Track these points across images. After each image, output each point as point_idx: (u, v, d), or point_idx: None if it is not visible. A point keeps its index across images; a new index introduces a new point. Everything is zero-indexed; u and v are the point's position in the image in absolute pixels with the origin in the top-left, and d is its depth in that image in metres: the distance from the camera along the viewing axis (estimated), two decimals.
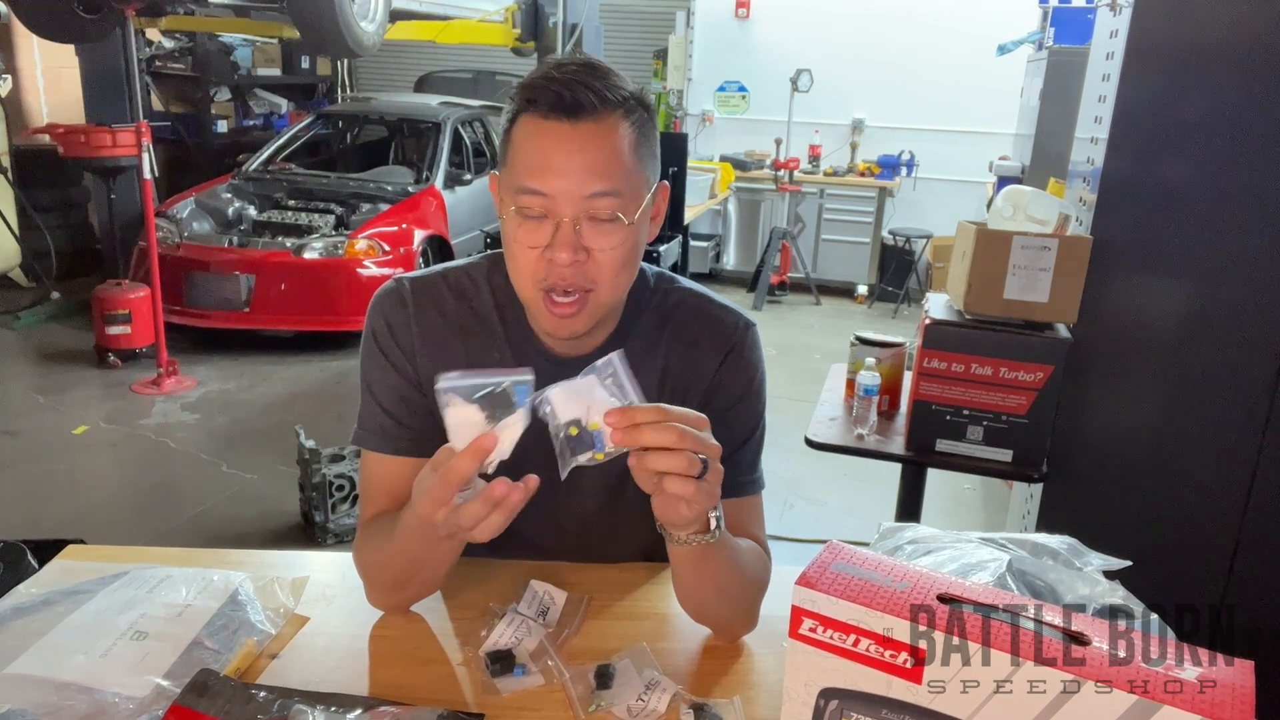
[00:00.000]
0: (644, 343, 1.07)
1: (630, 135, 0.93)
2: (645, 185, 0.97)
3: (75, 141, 4.40)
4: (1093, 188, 2.03)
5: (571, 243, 0.92)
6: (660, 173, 1.01)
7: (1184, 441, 1.90)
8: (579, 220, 0.92)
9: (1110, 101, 1.94)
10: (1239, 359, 1.77)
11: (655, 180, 0.99)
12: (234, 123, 7.89)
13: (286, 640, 0.97)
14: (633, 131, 0.94)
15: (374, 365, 1.06)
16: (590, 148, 0.91)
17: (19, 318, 5.35)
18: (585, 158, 0.91)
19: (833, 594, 0.63)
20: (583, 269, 0.94)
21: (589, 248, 0.93)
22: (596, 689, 0.89)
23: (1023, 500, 2.44)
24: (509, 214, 0.95)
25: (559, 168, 0.91)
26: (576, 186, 0.91)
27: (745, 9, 7.05)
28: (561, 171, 0.91)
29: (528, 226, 0.93)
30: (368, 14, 4.67)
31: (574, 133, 0.91)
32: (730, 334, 1.08)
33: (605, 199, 0.92)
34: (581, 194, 0.91)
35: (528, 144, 0.92)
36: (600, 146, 0.91)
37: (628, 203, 0.94)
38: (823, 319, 6.50)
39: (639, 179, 0.95)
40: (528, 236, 0.94)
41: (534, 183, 0.91)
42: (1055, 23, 4.27)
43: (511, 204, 0.94)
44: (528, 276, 0.96)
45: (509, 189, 0.95)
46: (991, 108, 6.21)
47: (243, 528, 3.19)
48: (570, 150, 0.91)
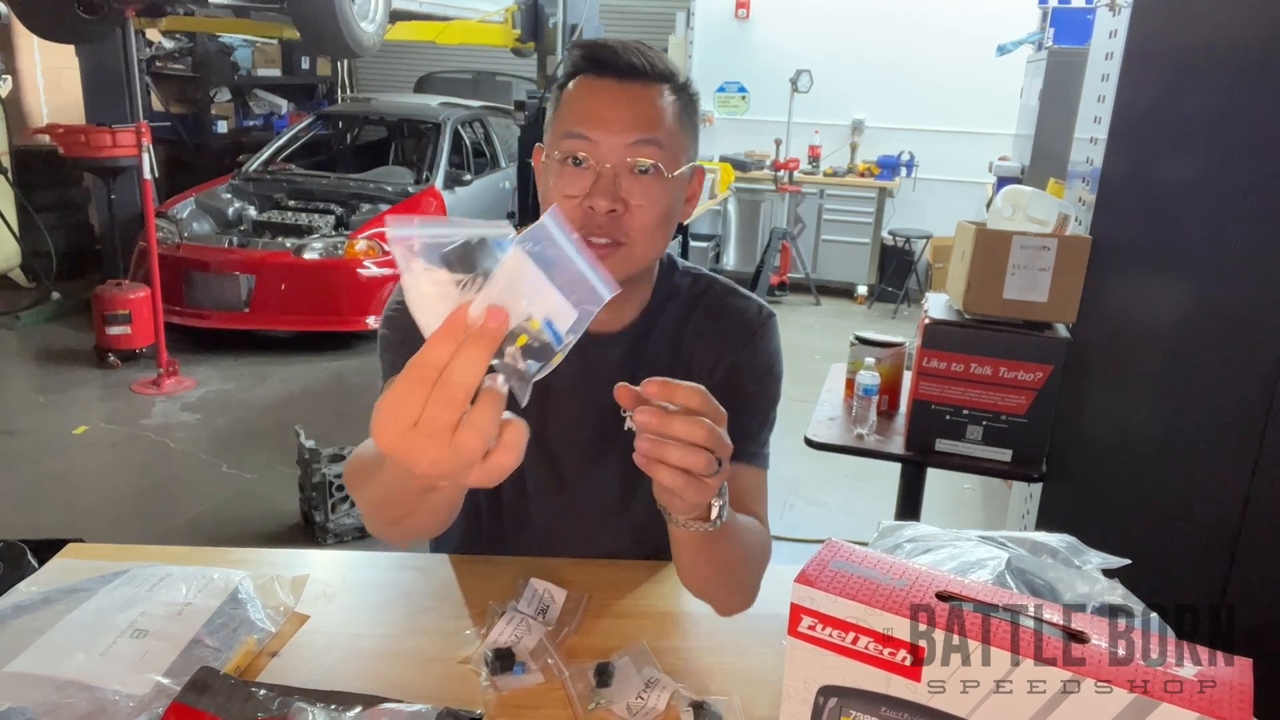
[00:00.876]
0: (672, 325, 1.11)
1: (675, 105, 0.99)
2: (685, 151, 1.01)
3: (75, 142, 4.40)
4: (1092, 188, 2.03)
5: (610, 191, 0.95)
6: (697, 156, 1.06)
7: (1183, 441, 1.90)
8: (619, 172, 0.96)
9: (1110, 102, 1.94)
10: (1238, 359, 1.77)
11: (695, 157, 1.04)
12: (234, 123, 7.90)
13: (286, 638, 0.97)
14: (678, 104, 1.00)
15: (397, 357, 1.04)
16: (637, 102, 0.97)
17: (19, 318, 5.34)
18: (631, 110, 0.96)
19: (832, 592, 0.63)
20: (619, 220, 0.97)
21: (627, 200, 0.96)
22: (596, 687, 0.89)
23: (1022, 500, 2.44)
24: (552, 163, 0.99)
25: (605, 117, 0.96)
26: (620, 135, 0.95)
27: (745, 9, 7.05)
28: (607, 121, 0.95)
29: (569, 175, 0.97)
30: (368, 14, 4.67)
31: (623, 90, 0.96)
32: (753, 321, 1.12)
33: (647, 147, 0.96)
34: (624, 142, 0.95)
35: (578, 97, 0.98)
36: (647, 103, 0.97)
37: (669, 157, 0.98)
38: (822, 319, 6.50)
39: (680, 142, 1.00)
40: (568, 184, 0.97)
41: (580, 128, 0.96)
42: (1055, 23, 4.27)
43: (556, 149, 0.98)
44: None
45: (555, 139, 0.99)
46: (991, 108, 6.21)
47: (243, 528, 3.19)
48: (618, 102, 0.96)
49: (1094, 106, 2.07)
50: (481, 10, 6.33)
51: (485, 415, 0.56)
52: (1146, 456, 1.98)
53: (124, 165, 4.47)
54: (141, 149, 4.35)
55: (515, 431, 0.58)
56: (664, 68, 0.99)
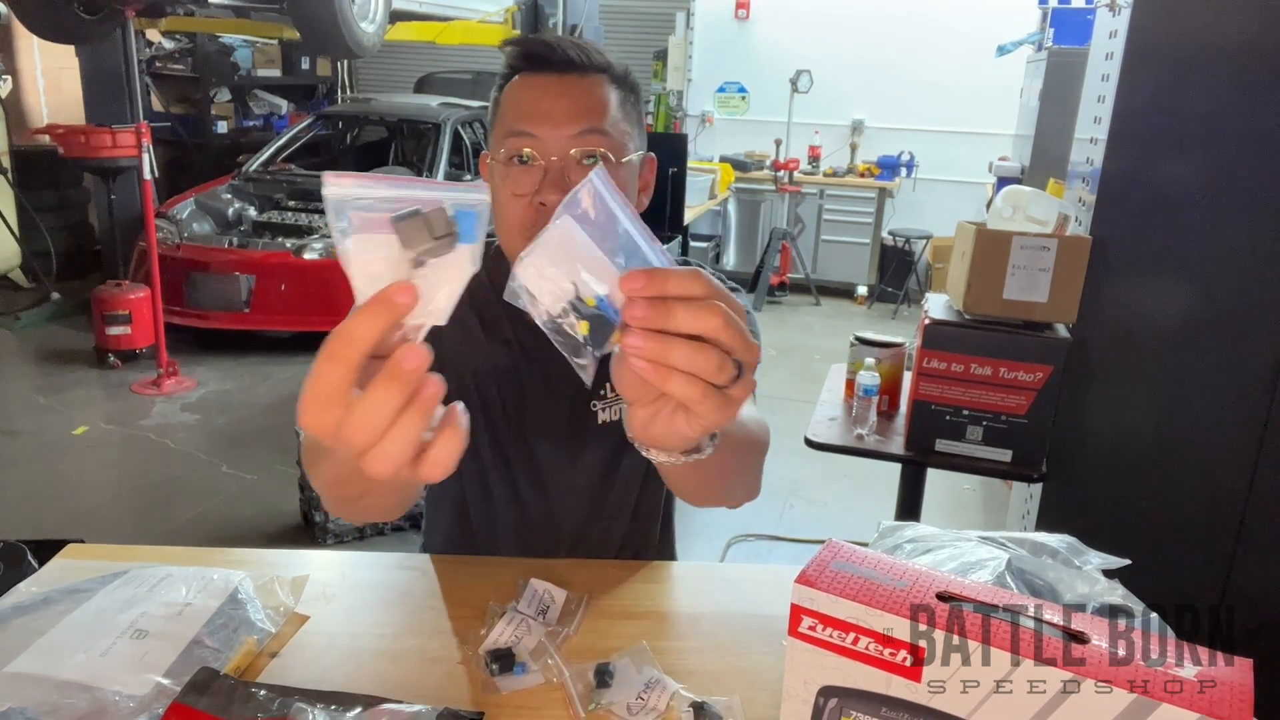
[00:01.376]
0: None
1: (616, 94, 0.98)
2: (631, 140, 1.00)
3: (75, 142, 4.40)
4: (1092, 188, 2.03)
5: (560, 184, 0.93)
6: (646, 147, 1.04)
7: (1183, 441, 1.90)
8: (567, 164, 0.94)
9: (1110, 102, 1.94)
10: (1238, 359, 1.77)
11: (641, 147, 1.02)
12: (234, 123, 7.90)
13: (286, 639, 0.97)
14: (617, 93, 0.98)
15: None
16: (576, 92, 0.95)
17: (19, 318, 5.34)
18: (571, 101, 0.95)
19: (832, 592, 0.63)
20: None
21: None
22: (596, 687, 0.89)
23: (1022, 500, 2.44)
24: (497, 165, 0.97)
25: (546, 111, 0.94)
26: (563, 128, 0.94)
27: (745, 10, 7.05)
28: (548, 114, 0.94)
29: (515, 174, 0.95)
30: (368, 15, 4.67)
31: (561, 82, 0.95)
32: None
33: (592, 136, 0.95)
34: (568, 134, 0.94)
35: (518, 94, 0.97)
36: (586, 94, 0.96)
37: (615, 145, 0.96)
38: (822, 320, 6.50)
39: (624, 131, 0.98)
40: (516, 183, 0.95)
41: (522, 124, 0.95)
42: (1054, 23, 4.28)
43: (500, 149, 0.96)
44: (516, 227, 0.97)
45: (498, 139, 0.98)
46: (991, 108, 6.22)
47: (242, 528, 3.19)
48: (557, 95, 0.95)
49: (1094, 106, 2.07)
50: (481, 10, 6.34)
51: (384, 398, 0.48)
52: (1146, 456, 1.99)
53: (124, 166, 4.47)
54: (141, 149, 4.35)
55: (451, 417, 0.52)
56: (601, 60, 0.98)
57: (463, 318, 1.09)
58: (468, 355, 1.09)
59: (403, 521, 2.65)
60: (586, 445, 1.11)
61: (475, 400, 1.10)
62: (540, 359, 1.09)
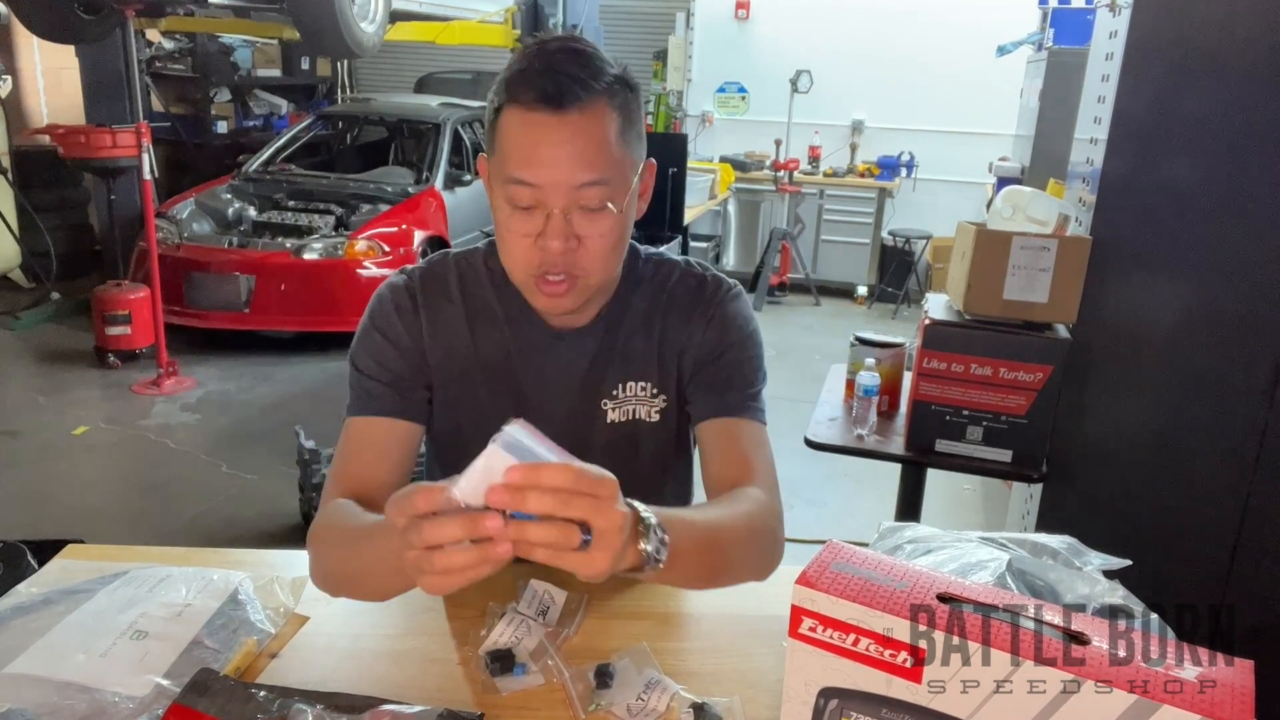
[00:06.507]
0: (641, 312, 1.10)
1: (616, 121, 0.94)
2: (632, 168, 0.98)
3: (75, 142, 4.40)
4: (1092, 188, 2.03)
5: (563, 231, 0.94)
6: (646, 151, 1.02)
7: (1184, 441, 1.90)
8: (570, 210, 0.94)
9: (1110, 102, 1.94)
10: (1239, 359, 1.77)
11: (642, 159, 1.01)
12: (234, 123, 7.89)
13: (286, 640, 0.97)
14: (618, 117, 0.94)
15: (369, 343, 1.07)
16: (577, 138, 0.91)
17: (19, 318, 5.34)
18: (573, 149, 0.91)
19: (832, 593, 0.63)
20: (574, 256, 0.96)
21: (579, 235, 0.95)
22: (596, 688, 0.89)
23: (1022, 500, 2.44)
24: (500, 203, 0.97)
25: (547, 159, 0.92)
26: (565, 177, 0.92)
27: (745, 10, 7.05)
28: (550, 162, 0.92)
29: (519, 216, 0.95)
30: (368, 15, 4.67)
31: (560, 124, 0.91)
32: (714, 296, 1.11)
33: (594, 188, 0.93)
34: (570, 184, 0.92)
35: (514, 135, 0.93)
36: (587, 136, 0.92)
37: (616, 190, 0.95)
38: (822, 320, 6.50)
39: (626, 163, 0.97)
40: (520, 225, 0.95)
41: (523, 174, 0.92)
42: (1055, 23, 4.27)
43: (502, 193, 0.96)
44: (520, 263, 0.98)
45: (498, 178, 0.96)
46: (991, 109, 6.21)
47: (243, 528, 3.19)
48: (557, 141, 0.91)
49: (1094, 107, 2.07)
50: (481, 10, 6.33)
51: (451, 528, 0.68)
52: (1146, 456, 1.99)
53: (124, 166, 4.47)
54: (141, 149, 4.35)
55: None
56: (598, 83, 0.92)
57: (463, 314, 1.09)
58: (469, 351, 1.09)
59: None
60: (594, 444, 1.10)
61: (477, 397, 1.10)
62: (542, 357, 1.09)
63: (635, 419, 1.11)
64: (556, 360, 1.09)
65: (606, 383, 1.10)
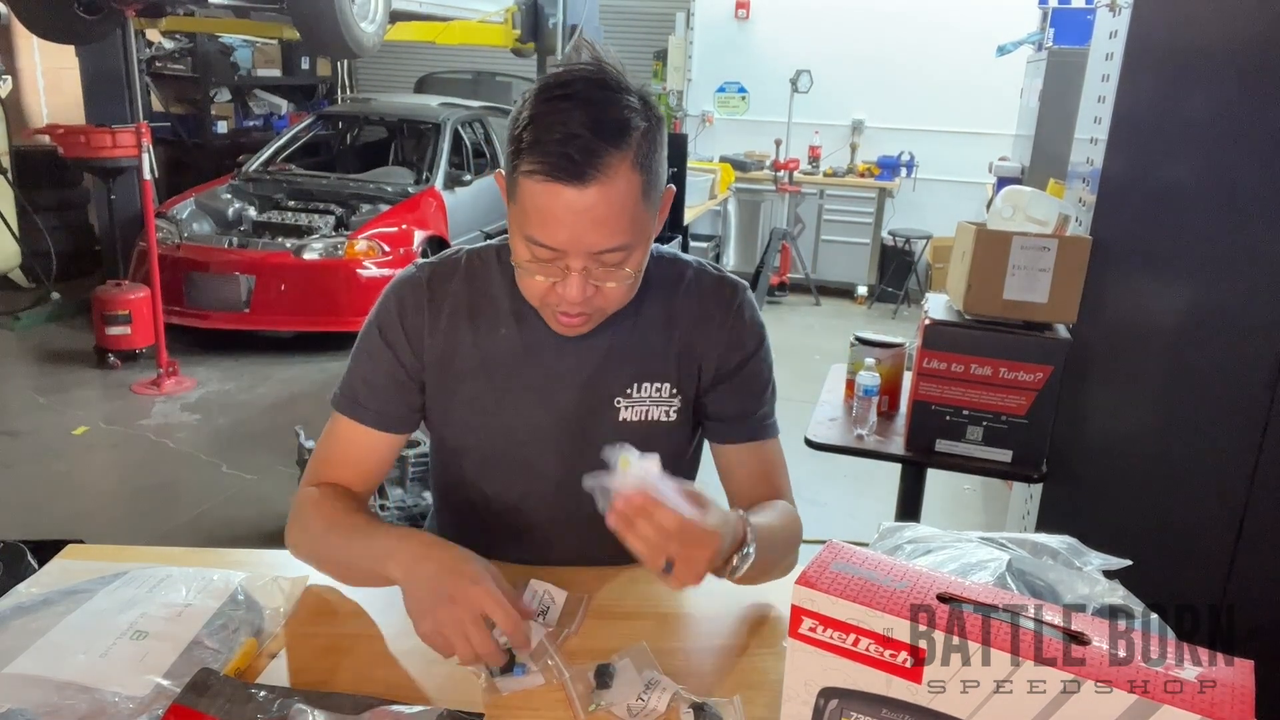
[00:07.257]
0: (658, 309, 1.11)
1: (638, 184, 0.92)
2: (653, 219, 0.99)
3: (75, 142, 4.40)
4: (1092, 188, 2.03)
5: (581, 284, 0.95)
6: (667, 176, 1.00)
7: (1184, 441, 1.90)
8: (589, 265, 0.95)
9: (1110, 102, 1.94)
10: (1239, 359, 1.77)
11: (661, 192, 0.99)
12: (234, 123, 7.89)
13: (286, 640, 0.97)
14: (640, 179, 0.92)
15: (371, 342, 1.11)
16: (598, 206, 0.90)
17: (19, 318, 5.34)
18: (593, 216, 0.91)
19: (833, 593, 0.64)
20: (590, 300, 0.98)
21: (599, 285, 0.97)
22: (596, 688, 0.89)
23: (1022, 500, 2.44)
24: (518, 245, 0.97)
25: (568, 225, 0.91)
26: (586, 244, 0.92)
27: (745, 10, 7.05)
28: (570, 228, 0.91)
29: (538, 264, 0.96)
30: (368, 15, 4.67)
31: (581, 195, 0.89)
32: (732, 300, 1.13)
33: (614, 253, 0.95)
34: (590, 250, 0.93)
35: (534, 199, 0.91)
36: (609, 204, 0.91)
37: (635, 250, 0.97)
38: (822, 320, 6.50)
39: (647, 218, 0.97)
40: (538, 268, 0.96)
41: (543, 237, 0.93)
42: (1055, 23, 4.27)
43: (520, 236, 0.95)
44: (537, 297, 1.01)
45: (517, 226, 0.95)
46: (991, 108, 6.21)
47: (242, 528, 3.19)
48: (578, 210, 0.90)
49: (1094, 107, 2.07)
50: (481, 10, 6.33)
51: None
52: (1147, 456, 1.98)
53: (124, 166, 4.46)
54: (141, 149, 4.35)
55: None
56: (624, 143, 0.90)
57: (470, 309, 1.09)
58: (473, 347, 1.09)
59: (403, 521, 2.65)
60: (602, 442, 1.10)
61: (482, 392, 1.09)
62: (551, 354, 1.09)
63: (651, 419, 1.12)
64: (566, 357, 1.09)
65: (619, 381, 1.10)
